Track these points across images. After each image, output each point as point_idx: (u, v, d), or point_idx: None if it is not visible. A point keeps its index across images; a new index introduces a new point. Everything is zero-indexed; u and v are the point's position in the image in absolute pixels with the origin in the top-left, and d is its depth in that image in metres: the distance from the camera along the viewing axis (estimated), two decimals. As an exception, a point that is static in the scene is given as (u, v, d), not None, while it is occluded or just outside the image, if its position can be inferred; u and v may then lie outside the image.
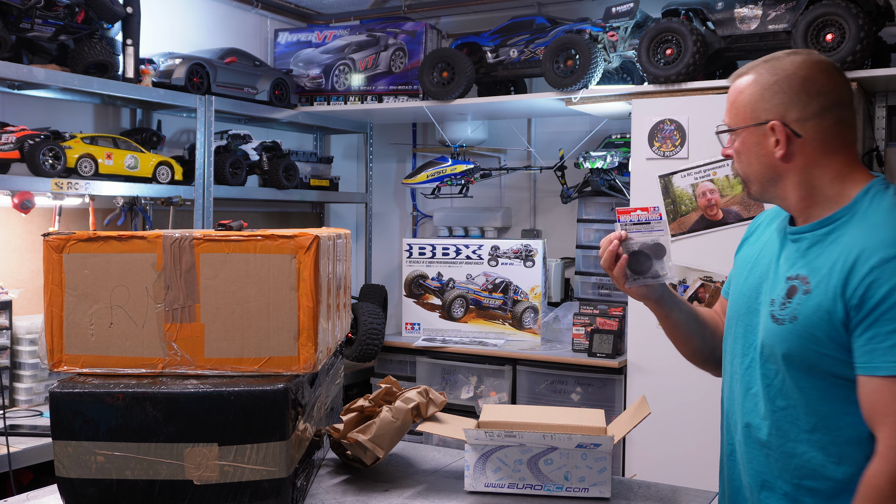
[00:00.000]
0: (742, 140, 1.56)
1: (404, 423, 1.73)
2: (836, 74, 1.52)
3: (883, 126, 3.41)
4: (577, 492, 1.61)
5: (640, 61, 3.29)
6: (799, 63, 1.52)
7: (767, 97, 1.52)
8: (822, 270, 1.46)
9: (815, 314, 1.44)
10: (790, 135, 1.50)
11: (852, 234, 1.46)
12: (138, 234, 1.53)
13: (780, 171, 1.54)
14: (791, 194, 1.55)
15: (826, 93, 1.50)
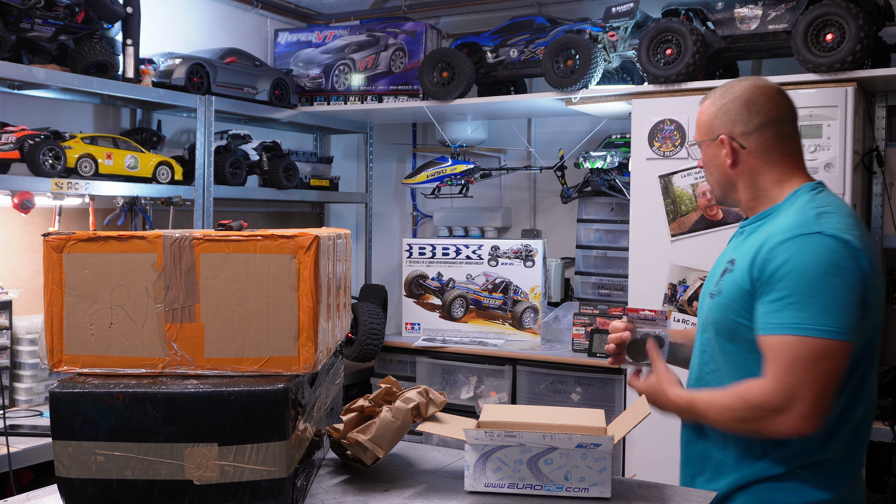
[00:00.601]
0: (704, 153, 1.88)
1: (404, 423, 1.73)
2: (776, 96, 1.80)
3: (883, 126, 3.41)
4: (577, 492, 1.61)
5: (640, 61, 3.29)
6: (745, 86, 1.82)
7: (720, 116, 1.82)
8: (744, 254, 1.74)
9: (733, 288, 1.73)
10: (737, 147, 1.80)
11: (770, 224, 1.75)
12: (138, 234, 1.53)
13: (731, 178, 1.84)
14: (743, 197, 1.85)
15: (766, 111, 1.78)
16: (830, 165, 2.95)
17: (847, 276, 1.61)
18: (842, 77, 2.96)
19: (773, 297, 1.64)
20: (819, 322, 1.59)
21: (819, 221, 1.68)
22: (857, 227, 1.69)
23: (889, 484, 3.14)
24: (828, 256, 1.62)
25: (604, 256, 3.94)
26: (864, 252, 1.64)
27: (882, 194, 3.40)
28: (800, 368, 1.59)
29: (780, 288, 1.63)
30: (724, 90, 1.83)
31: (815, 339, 1.59)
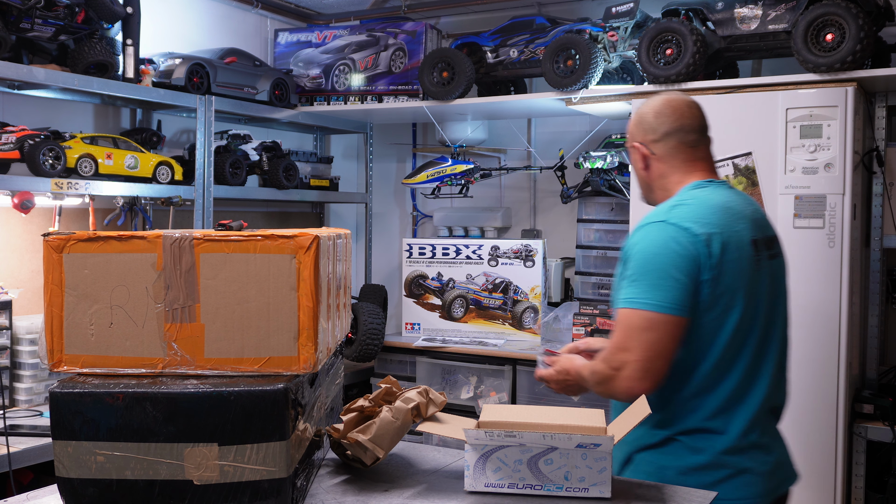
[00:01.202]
0: (630, 157, 2.15)
1: (404, 423, 1.72)
2: (683, 108, 2.05)
3: (883, 126, 3.41)
4: (577, 492, 1.61)
5: (640, 61, 3.29)
6: (658, 100, 2.07)
7: (636, 125, 2.09)
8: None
9: (617, 273, 1.97)
10: (647, 153, 2.06)
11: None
12: (138, 234, 1.53)
13: (645, 180, 2.09)
14: (658, 196, 2.07)
15: (671, 122, 2.03)
16: (830, 165, 2.95)
17: (678, 258, 1.83)
18: (842, 77, 2.96)
19: (623, 276, 1.90)
20: (647, 297, 1.82)
21: (669, 212, 1.91)
22: (708, 217, 1.88)
23: (889, 484, 3.14)
24: (664, 241, 1.85)
25: (604, 256, 3.94)
26: (704, 238, 1.84)
27: (882, 194, 3.40)
28: (629, 336, 1.84)
29: (628, 268, 1.89)
30: (645, 102, 2.08)
31: (642, 311, 1.82)
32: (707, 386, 1.89)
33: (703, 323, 1.86)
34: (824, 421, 2.94)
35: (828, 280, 2.93)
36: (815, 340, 2.94)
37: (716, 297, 1.85)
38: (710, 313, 1.86)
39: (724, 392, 1.90)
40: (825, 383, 2.94)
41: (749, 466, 1.92)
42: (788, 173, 3.00)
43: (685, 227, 1.85)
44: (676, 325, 1.83)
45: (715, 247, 1.85)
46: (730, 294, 1.86)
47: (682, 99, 2.07)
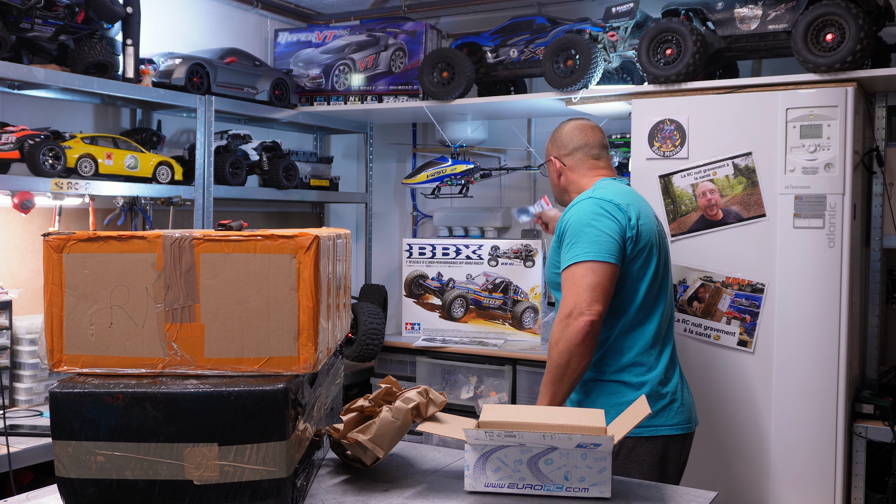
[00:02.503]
0: (547, 169, 2.64)
1: (404, 423, 1.72)
2: (586, 129, 2.58)
3: (883, 126, 3.41)
4: (577, 492, 1.61)
5: (640, 61, 3.29)
6: (568, 124, 2.61)
7: (551, 143, 2.63)
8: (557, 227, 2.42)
9: (551, 251, 2.43)
10: (560, 165, 2.58)
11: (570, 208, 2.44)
12: (138, 234, 1.53)
13: (561, 185, 2.60)
14: (572, 198, 2.51)
15: (576, 140, 2.56)
16: (830, 165, 2.95)
17: (608, 220, 2.28)
18: (842, 77, 2.96)
19: (563, 245, 2.32)
20: (587, 251, 2.24)
21: (593, 192, 2.39)
22: (623, 195, 2.37)
23: (889, 484, 3.14)
24: (594, 210, 2.30)
25: (604, 256, 3.93)
26: (623, 206, 2.32)
27: (882, 194, 3.40)
28: (576, 284, 2.23)
29: (566, 238, 2.31)
30: (558, 127, 2.62)
31: (585, 262, 2.24)
32: (635, 325, 2.33)
33: (629, 272, 2.31)
34: (824, 421, 2.94)
35: (828, 280, 2.93)
36: (815, 340, 2.95)
37: (637, 252, 2.31)
38: (634, 264, 2.32)
39: (650, 330, 2.33)
40: (825, 383, 2.94)
41: (677, 396, 2.35)
42: (788, 173, 3.00)
43: (609, 199, 2.33)
44: (612, 271, 2.25)
45: (632, 213, 2.33)
46: (647, 250, 2.34)
47: (586, 122, 2.60)
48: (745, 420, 3.07)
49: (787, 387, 2.99)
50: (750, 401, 3.04)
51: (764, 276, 3.03)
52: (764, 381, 3.02)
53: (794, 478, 2.99)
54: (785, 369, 3.00)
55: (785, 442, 3.01)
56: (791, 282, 2.99)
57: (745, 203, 3.06)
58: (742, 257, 3.06)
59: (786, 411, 3.01)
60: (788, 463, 3.00)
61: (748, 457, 3.06)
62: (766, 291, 3.02)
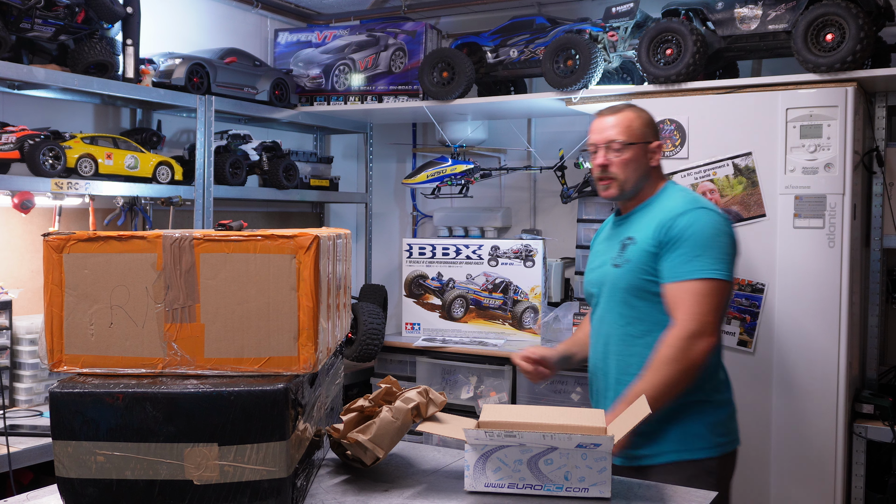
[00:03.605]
0: (630, 152, 2.30)
1: (404, 423, 1.72)
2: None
3: (883, 126, 3.41)
4: (577, 492, 1.61)
5: (640, 61, 3.29)
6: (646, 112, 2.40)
7: (648, 126, 2.35)
8: (641, 229, 2.27)
9: (639, 255, 2.23)
10: (657, 151, 2.34)
11: (656, 207, 2.29)
12: (138, 234, 1.53)
13: (644, 172, 2.32)
14: (644, 190, 2.34)
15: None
16: (830, 165, 2.95)
17: (730, 238, 2.22)
18: (842, 77, 2.96)
19: (681, 253, 2.17)
20: (717, 268, 2.15)
21: (700, 201, 2.28)
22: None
23: (889, 484, 3.14)
24: (716, 224, 2.20)
25: (604, 256, 3.93)
26: (731, 222, 2.29)
27: (882, 194, 3.40)
28: (707, 303, 2.13)
29: (683, 245, 2.17)
30: (637, 110, 2.36)
31: (714, 279, 2.14)
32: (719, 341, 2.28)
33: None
34: (824, 421, 2.94)
35: (828, 280, 2.93)
36: (814, 340, 2.95)
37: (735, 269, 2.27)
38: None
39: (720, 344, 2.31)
40: (825, 383, 2.94)
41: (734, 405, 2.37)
42: (788, 173, 3.00)
43: (722, 215, 2.26)
44: (731, 292, 2.24)
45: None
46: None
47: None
48: (745, 420, 3.06)
49: (787, 387, 2.99)
50: (750, 401, 3.04)
51: (764, 276, 3.03)
52: (764, 381, 3.02)
53: (794, 477, 2.99)
54: (785, 369, 2.99)
55: (785, 442, 3.00)
56: (791, 282, 2.99)
57: (745, 203, 3.06)
58: (742, 257, 3.05)
59: (786, 411, 3.00)
60: (789, 463, 3.00)
61: (748, 456, 3.06)
62: (766, 291, 3.02)
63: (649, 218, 2.27)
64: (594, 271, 2.42)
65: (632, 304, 2.25)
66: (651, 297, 2.23)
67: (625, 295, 2.25)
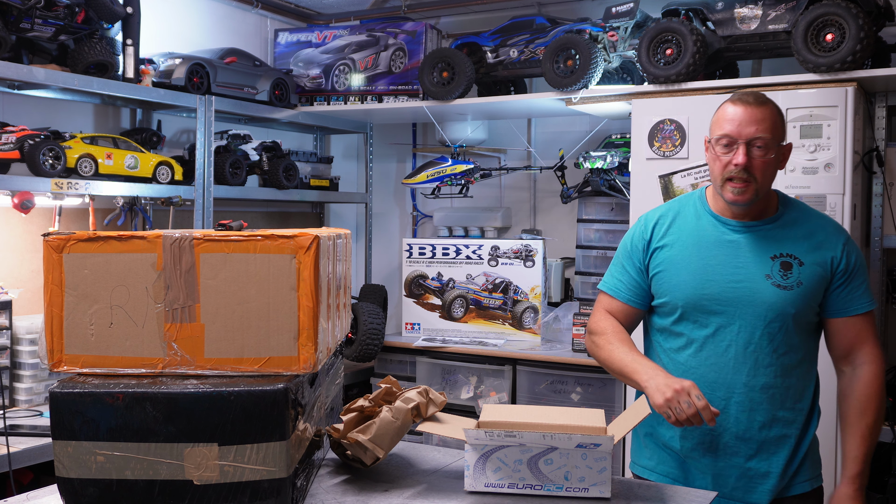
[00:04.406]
0: (776, 152, 1.98)
1: (404, 423, 1.72)
2: None
3: (883, 126, 3.41)
4: (577, 492, 1.61)
5: (640, 61, 3.29)
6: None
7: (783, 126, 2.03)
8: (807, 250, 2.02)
9: (814, 280, 2.01)
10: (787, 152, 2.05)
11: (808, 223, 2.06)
12: (138, 234, 1.53)
13: (773, 177, 2.03)
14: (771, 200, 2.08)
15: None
16: (830, 165, 2.95)
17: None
18: (842, 77, 2.96)
19: (857, 284, 2.02)
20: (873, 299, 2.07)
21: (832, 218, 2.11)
22: None
23: (889, 484, 3.14)
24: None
25: (604, 256, 3.94)
26: None
27: (882, 194, 3.40)
28: (876, 331, 2.07)
29: (860, 276, 2.03)
30: (774, 105, 2.02)
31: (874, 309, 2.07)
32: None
33: None
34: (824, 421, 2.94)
35: (828, 280, 2.93)
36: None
37: None
38: None
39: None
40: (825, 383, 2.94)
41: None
42: (788, 173, 3.00)
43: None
44: None
45: None
46: None
47: None
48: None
49: (787, 387, 2.99)
50: (750, 401, 3.04)
51: (764, 276, 3.02)
52: (764, 381, 3.02)
53: (794, 478, 2.98)
54: (785, 369, 2.99)
55: (785, 442, 3.00)
56: (791, 282, 2.99)
57: (745, 203, 3.06)
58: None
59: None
60: (788, 463, 2.99)
61: (748, 457, 3.05)
62: (766, 291, 3.02)
63: (801, 236, 2.05)
64: (714, 284, 2.04)
65: (795, 332, 2.03)
66: (809, 326, 2.07)
67: (789, 321, 2.01)
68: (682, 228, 2.11)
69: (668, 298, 2.08)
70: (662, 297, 2.10)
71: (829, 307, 2.04)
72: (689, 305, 2.05)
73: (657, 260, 2.12)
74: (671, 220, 2.14)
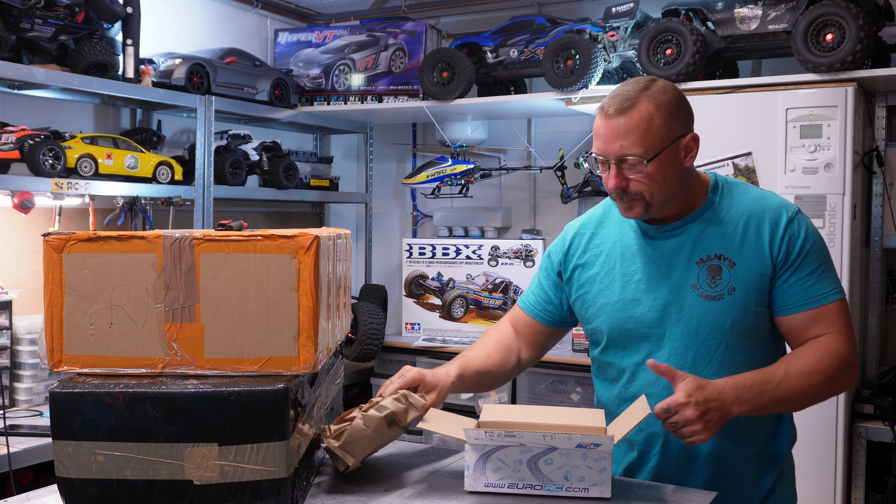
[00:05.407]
0: (658, 163, 1.71)
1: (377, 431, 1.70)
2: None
3: (883, 126, 3.41)
4: (577, 492, 1.61)
5: (640, 61, 3.29)
6: (668, 84, 1.75)
7: (673, 115, 1.72)
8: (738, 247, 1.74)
9: (749, 280, 1.72)
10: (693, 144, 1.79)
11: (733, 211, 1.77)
12: (138, 234, 1.53)
13: (680, 176, 1.76)
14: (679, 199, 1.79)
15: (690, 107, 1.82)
16: (830, 165, 2.95)
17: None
18: (842, 77, 2.96)
19: (809, 272, 1.71)
20: (838, 284, 1.75)
21: (783, 199, 1.81)
22: None
23: (889, 484, 3.14)
24: (816, 229, 1.78)
25: (604, 256, 3.93)
26: None
27: (882, 194, 3.40)
28: (850, 327, 1.73)
29: (812, 261, 1.72)
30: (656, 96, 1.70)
31: (843, 299, 1.74)
32: None
33: None
34: (824, 421, 2.94)
35: (828, 280, 2.93)
36: (815, 340, 2.94)
37: None
38: None
39: None
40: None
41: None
42: (788, 173, 3.00)
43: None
44: None
45: None
46: None
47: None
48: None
49: (787, 387, 2.99)
50: (750, 401, 3.04)
51: (764, 276, 3.02)
52: (764, 381, 3.02)
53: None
54: (785, 369, 2.99)
55: (785, 442, 3.00)
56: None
57: (745, 203, 3.06)
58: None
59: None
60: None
61: (748, 457, 3.06)
62: (766, 291, 3.02)
63: (733, 228, 1.75)
64: (638, 304, 1.78)
65: (739, 348, 1.73)
66: (761, 334, 1.75)
67: (727, 336, 1.72)
68: (603, 241, 1.86)
69: (593, 325, 1.85)
70: (588, 324, 1.88)
71: (776, 304, 1.72)
72: (614, 332, 1.81)
73: (578, 281, 1.88)
74: (592, 232, 1.89)
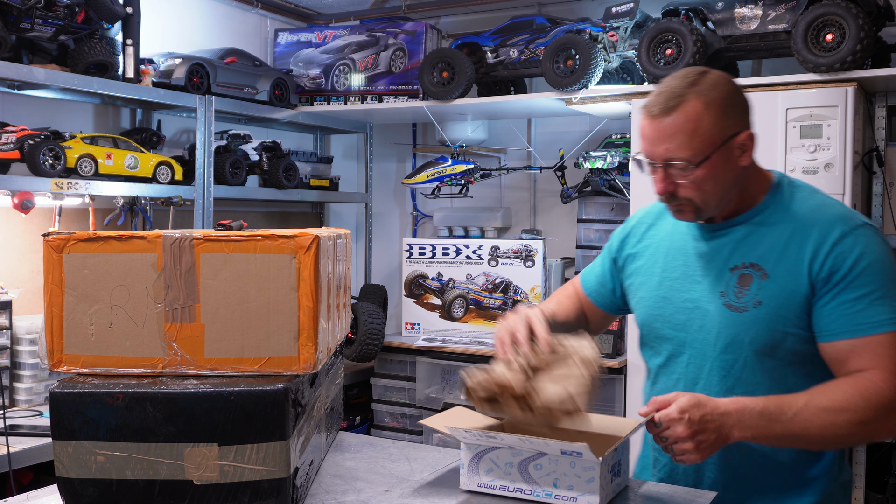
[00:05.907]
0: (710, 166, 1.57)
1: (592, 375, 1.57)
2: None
3: (883, 126, 3.41)
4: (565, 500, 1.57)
5: (640, 61, 3.29)
6: (720, 76, 1.60)
7: (733, 108, 1.59)
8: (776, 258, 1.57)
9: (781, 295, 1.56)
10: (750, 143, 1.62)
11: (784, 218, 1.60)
12: (138, 234, 1.53)
13: (737, 177, 1.62)
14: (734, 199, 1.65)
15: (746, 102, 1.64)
16: (830, 165, 2.95)
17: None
18: (842, 77, 2.96)
19: (859, 296, 1.51)
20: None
21: (851, 210, 1.60)
22: None
23: (889, 484, 3.14)
24: (887, 248, 1.56)
25: (604, 256, 3.93)
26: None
27: (882, 194, 3.40)
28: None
29: (864, 285, 1.50)
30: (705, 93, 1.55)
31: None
32: None
33: None
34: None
35: (828, 280, 2.93)
36: (814, 340, 2.94)
37: None
38: None
39: None
40: (825, 383, 2.94)
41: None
42: (788, 173, 3.00)
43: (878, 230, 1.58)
44: None
45: None
46: None
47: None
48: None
49: (787, 387, 2.99)
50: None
51: (764, 276, 3.02)
52: (764, 381, 3.02)
53: (793, 478, 2.98)
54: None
55: (785, 442, 3.00)
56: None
57: (745, 203, 3.06)
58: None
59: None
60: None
61: (748, 457, 3.05)
62: (766, 291, 3.02)
63: (778, 236, 1.59)
64: (668, 303, 1.69)
65: (759, 368, 1.59)
66: (788, 358, 1.58)
67: (746, 352, 1.58)
68: (657, 234, 1.79)
69: (636, 318, 1.80)
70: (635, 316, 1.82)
71: (816, 328, 1.54)
72: (645, 327, 1.75)
73: (628, 270, 1.83)
74: (650, 224, 1.82)
